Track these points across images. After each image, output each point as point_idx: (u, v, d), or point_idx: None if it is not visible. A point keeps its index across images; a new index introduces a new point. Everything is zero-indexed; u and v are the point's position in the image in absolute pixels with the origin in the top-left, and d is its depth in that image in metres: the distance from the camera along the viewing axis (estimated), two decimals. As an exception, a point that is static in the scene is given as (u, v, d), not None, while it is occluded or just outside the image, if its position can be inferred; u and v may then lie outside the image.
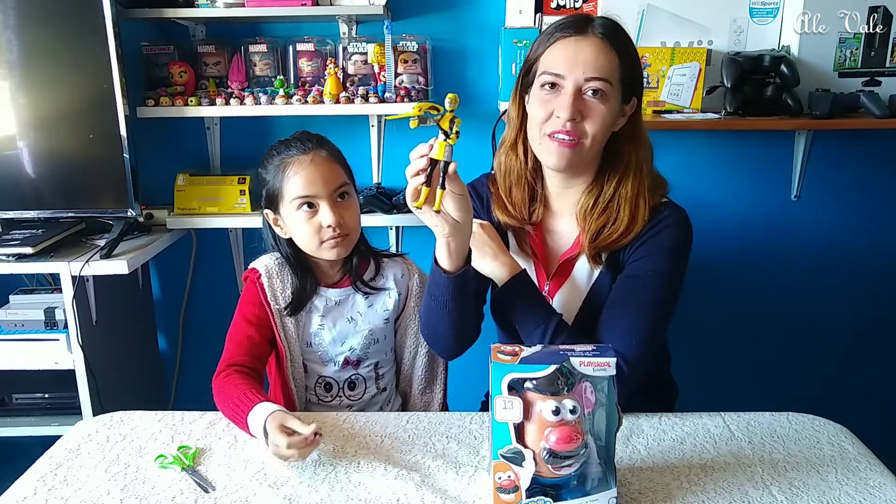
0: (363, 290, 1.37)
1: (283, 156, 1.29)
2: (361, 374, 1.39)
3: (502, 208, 1.28)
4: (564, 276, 1.26)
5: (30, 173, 1.83)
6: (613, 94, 1.15)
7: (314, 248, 1.30)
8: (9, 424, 1.90)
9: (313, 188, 1.26)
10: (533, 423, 0.89)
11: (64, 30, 1.77)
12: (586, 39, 1.15)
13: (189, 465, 1.06)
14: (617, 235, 1.19)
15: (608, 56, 1.14)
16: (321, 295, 1.36)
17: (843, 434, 1.14)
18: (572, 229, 1.26)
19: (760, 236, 2.14)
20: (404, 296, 1.41)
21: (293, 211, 1.28)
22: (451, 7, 2.03)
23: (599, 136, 1.16)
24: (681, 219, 1.22)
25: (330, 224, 1.26)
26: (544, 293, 1.26)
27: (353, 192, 1.33)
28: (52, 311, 1.84)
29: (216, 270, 2.21)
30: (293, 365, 1.34)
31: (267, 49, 2.00)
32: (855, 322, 2.21)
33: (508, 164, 1.28)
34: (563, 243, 1.27)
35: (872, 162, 2.08)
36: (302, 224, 1.28)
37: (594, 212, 1.21)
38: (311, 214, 1.27)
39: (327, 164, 1.29)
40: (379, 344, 1.39)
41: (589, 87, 1.14)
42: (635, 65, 1.20)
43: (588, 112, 1.15)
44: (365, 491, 1.00)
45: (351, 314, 1.37)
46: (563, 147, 1.16)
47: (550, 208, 1.29)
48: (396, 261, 1.43)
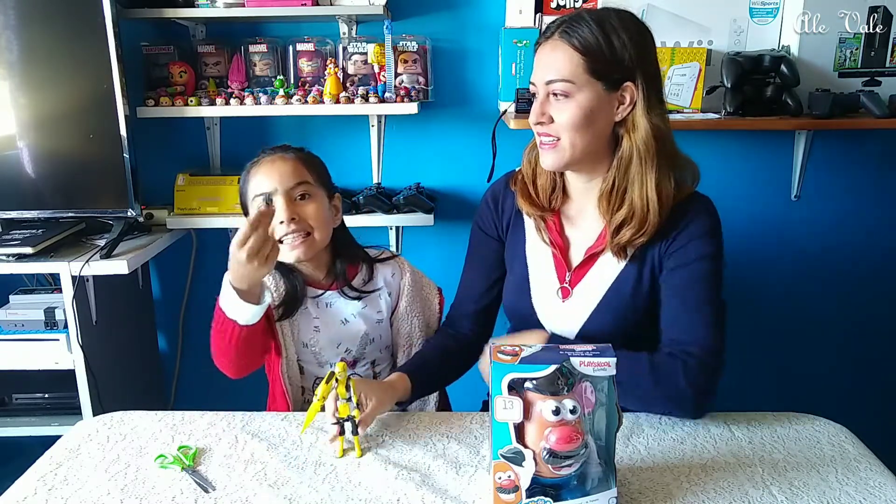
0: (349, 295, 1.36)
1: (252, 162, 1.32)
2: (359, 374, 1.39)
3: (525, 196, 1.30)
4: (587, 268, 1.27)
5: (30, 173, 1.83)
6: (582, 88, 1.14)
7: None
8: (9, 424, 1.90)
9: (270, 183, 1.27)
10: (533, 423, 0.89)
11: (64, 30, 1.77)
12: (548, 43, 1.17)
13: (189, 465, 1.06)
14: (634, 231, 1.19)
15: (564, 53, 1.14)
16: (314, 298, 1.36)
17: (843, 434, 1.14)
18: (598, 222, 1.27)
19: (760, 236, 2.14)
20: (395, 295, 1.41)
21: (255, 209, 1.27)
22: (451, 7, 2.03)
23: (576, 134, 1.16)
24: (708, 204, 1.24)
25: (282, 220, 1.24)
26: (564, 284, 1.27)
27: (316, 193, 1.30)
28: (52, 311, 1.84)
29: (216, 270, 2.17)
30: (289, 366, 1.35)
31: (267, 49, 2.00)
32: (855, 322, 2.21)
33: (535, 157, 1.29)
34: (589, 236, 1.28)
35: (872, 162, 2.08)
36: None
37: (612, 204, 1.21)
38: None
39: (289, 163, 1.29)
40: (374, 343, 1.39)
41: (549, 89, 1.16)
42: (609, 52, 1.14)
43: (556, 113, 1.16)
44: (365, 491, 1.00)
45: (344, 316, 1.37)
46: (545, 149, 1.20)
47: (573, 199, 1.30)
48: (388, 262, 1.43)
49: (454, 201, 2.13)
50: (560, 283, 1.28)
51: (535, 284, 1.30)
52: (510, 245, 1.35)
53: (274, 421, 1.20)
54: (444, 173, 2.14)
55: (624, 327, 1.24)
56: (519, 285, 1.32)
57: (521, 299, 1.31)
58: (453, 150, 2.12)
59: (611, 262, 1.24)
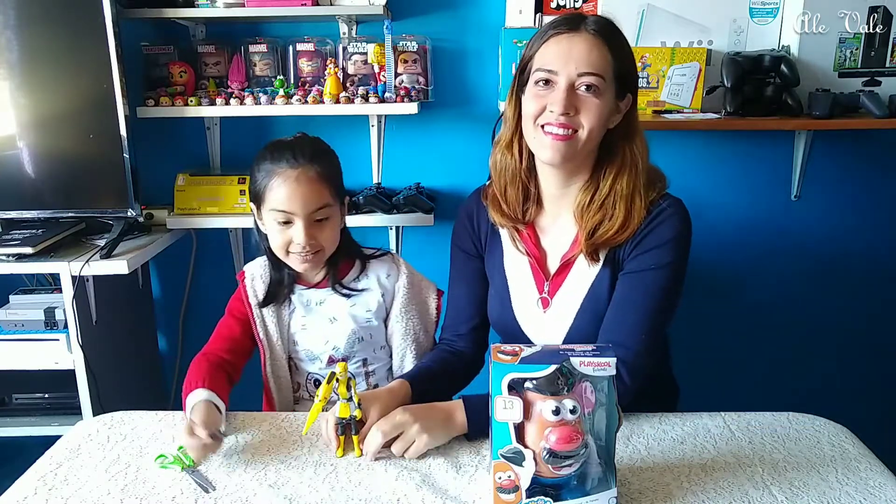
0: (341, 293, 1.36)
1: (274, 164, 1.26)
2: (350, 371, 1.38)
3: (496, 208, 1.30)
4: (563, 275, 1.26)
5: (30, 173, 1.83)
6: (607, 89, 1.17)
7: (283, 256, 1.31)
8: (9, 424, 1.90)
9: (292, 205, 1.25)
10: (533, 423, 0.89)
11: (64, 30, 1.77)
12: (579, 35, 1.17)
13: (189, 465, 1.06)
14: (612, 233, 1.19)
15: (601, 52, 1.16)
16: (302, 295, 1.37)
17: (843, 434, 1.14)
18: (571, 229, 1.26)
19: (760, 236, 2.14)
20: (389, 296, 1.40)
21: (271, 220, 1.28)
22: (451, 7, 2.03)
23: (595, 130, 1.17)
24: (679, 209, 1.22)
25: (301, 244, 1.26)
26: (544, 294, 1.27)
27: (334, 212, 1.30)
28: (52, 311, 1.84)
29: (216, 270, 2.21)
30: (273, 363, 1.36)
31: (267, 49, 2.00)
32: (855, 322, 2.21)
33: (504, 163, 1.28)
34: (563, 244, 1.27)
35: (872, 162, 2.08)
36: (275, 233, 1.28)
37: (591, 209, 1.21)
38: (286, 228, 1.27)
39: (312, 184, 1.26)
40: (365, 342, 1.38)
41: (582, 81, 1.15)
42: (629, 61, 1.21)
43: (582, 106, 1.16)
44: (365, 491, 1.00)
45: (333, 314, 1.36)
46: (556, 140, 1.17)
47: (546, 209, 1.29)
48: (384, 260, 1.41)
49: (454, 201, 2.13)
50: (539, 294, 1.28)
51: (515, 296, 1.30)
52: (489, 258, 1.35)
53: (274, 421, 1.20)
54: (444, 173, 2.14)
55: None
56: (500, 297, 1.32)
57: (504, 312, 1.31)
58: (453, 150, 2.12)
59: (584, 267, 1.24)
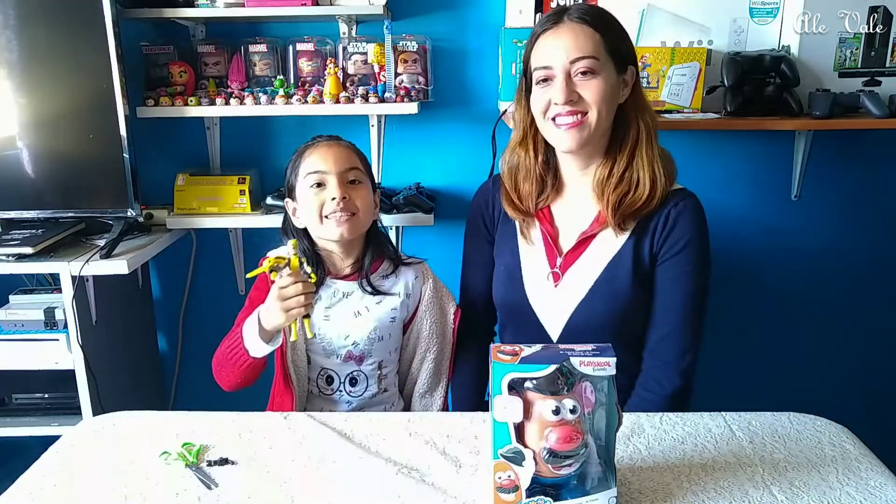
0: (366, 290, 1.37)
1: (306, 146, 1.39)
2: (364, 372, 1.39)
3: (510, 203, 1.35)
4: (579, 252, 1.30)
5: (30, 173, 1.83)
6: (603, 67, 1.20)
7: (318, 226, 1.34)
8: (9, 424, 1.90)
9: (324, 165, 1.34)
10: (533, 422, 0.89)
11: (64, 30, 1.77)
12: (563, 26, 1.21)
13: (193, 462, 1.06)
14: (642, 202, 1.24)
15: (587, 34, 1.20)
16: (329, 286, 1.38)
17: (844, 434, 1.14)
18: (592, 208, 1.30)
19: (760, 236, 2.14)
20: (414, 300, 1.42)
21: (305, 188, 1.34)
22: (451, 7, 2.03)
23: (603, 109, 1.20)
24: (695, 204, 1.29)
25: (335, 196, 1.31)
26: (555, 269, 1.31)
27: (366, 183, 1.38)
28: (51, 311, 1.84)
29: (216, 270, 2.21)
30: (294, 352, 1.36)
31: (267, 49, 2.00)
32: (855, 322, 2.21)
33: (516, 162, 1.34)
34: (582, 222, 1.31)
35: (872, 162, 2.08)
36: (311, 199, 1.33)
37: (610, 182, 1.25)
38: (320, 191, 1.33)
39: (342, 148, 1.38)
40: (383, 342, 1.39)
41: (577, 68, 1.19)
42: (619, 36, 1.24)
43: (584, 90, 1.20)
44: (365, 490, 1.00)
45: (357, 308, 1.37)
46: (569, 129, 1.22)
47: (567, 193, 1.34)
48: (415, 267, 1.45)
49: (454, 201, 2.13)
50: (551, 268, 1.30)
51: (526, 271, 1.33)
52: (501, 236, 1.39)
53: (275, 421, 1.20)
54: (444, 173, 2.14)
55: (612, 319, 1.26)
56: (510, 274, 1.35)
57: (513, 288, 1.34)
58: (453, 149, 2.12)
59: (608, 240, 1.27)
